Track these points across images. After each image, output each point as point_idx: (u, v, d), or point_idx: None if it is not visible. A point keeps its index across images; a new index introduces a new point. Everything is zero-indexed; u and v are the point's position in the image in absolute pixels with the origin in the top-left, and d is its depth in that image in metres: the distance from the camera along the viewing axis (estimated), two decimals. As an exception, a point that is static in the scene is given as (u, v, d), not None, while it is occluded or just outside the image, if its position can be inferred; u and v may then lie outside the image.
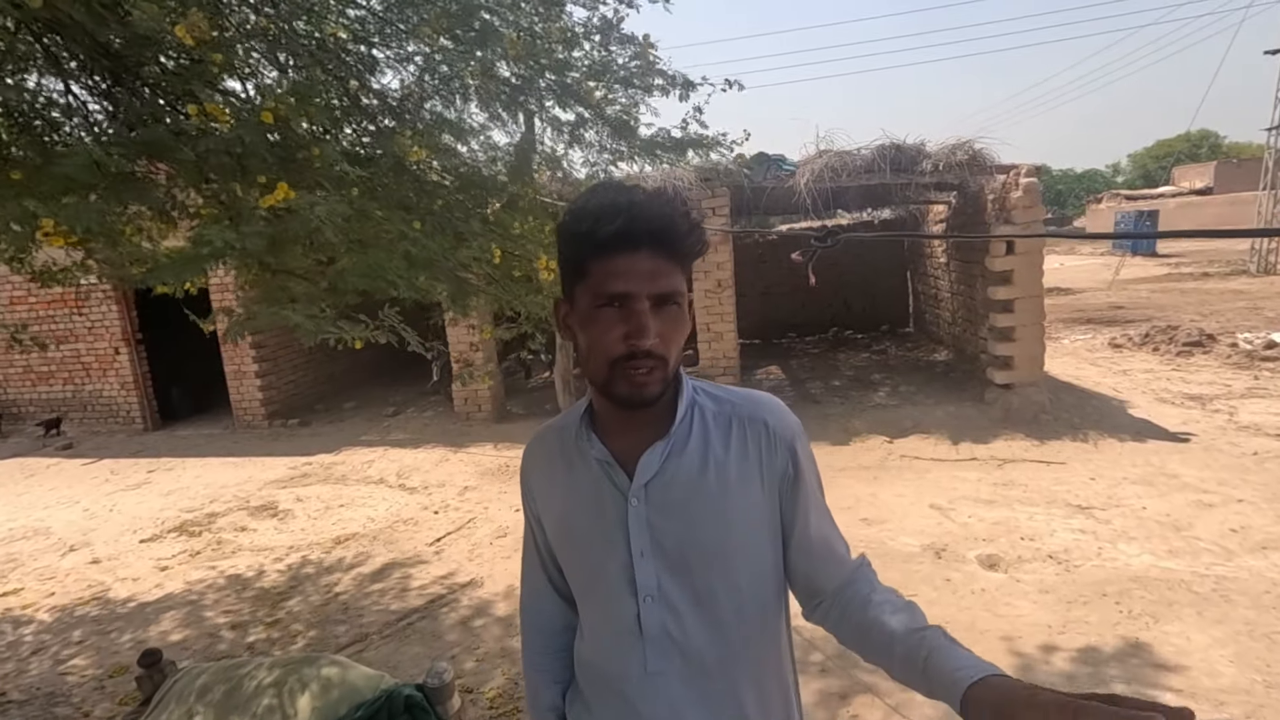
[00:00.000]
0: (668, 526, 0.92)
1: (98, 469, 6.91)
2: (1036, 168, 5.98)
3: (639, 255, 0.84)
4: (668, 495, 0.93)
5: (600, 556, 0.96)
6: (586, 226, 0.85)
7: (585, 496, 0.97)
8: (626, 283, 0.84)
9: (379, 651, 3.30)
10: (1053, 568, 3.64)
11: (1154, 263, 18.77)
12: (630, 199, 0.85)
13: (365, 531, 4.82)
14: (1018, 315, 6.07)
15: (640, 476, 0.93)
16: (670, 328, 0.87)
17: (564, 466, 1.00)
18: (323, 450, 6.90)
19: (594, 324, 0.86)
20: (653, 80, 2.40)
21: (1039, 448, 5.43)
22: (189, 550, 4.69)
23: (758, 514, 0.95)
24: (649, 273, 0.84)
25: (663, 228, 0.85)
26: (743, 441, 0.95)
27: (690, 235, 0.87)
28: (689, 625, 0.93)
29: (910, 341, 9.81)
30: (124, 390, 8.27)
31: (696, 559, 0.93)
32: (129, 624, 3.73)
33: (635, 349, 0.84)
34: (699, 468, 0.94)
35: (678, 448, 0.94)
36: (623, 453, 0.95)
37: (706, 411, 0.97)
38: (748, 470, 0.94)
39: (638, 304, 0.84)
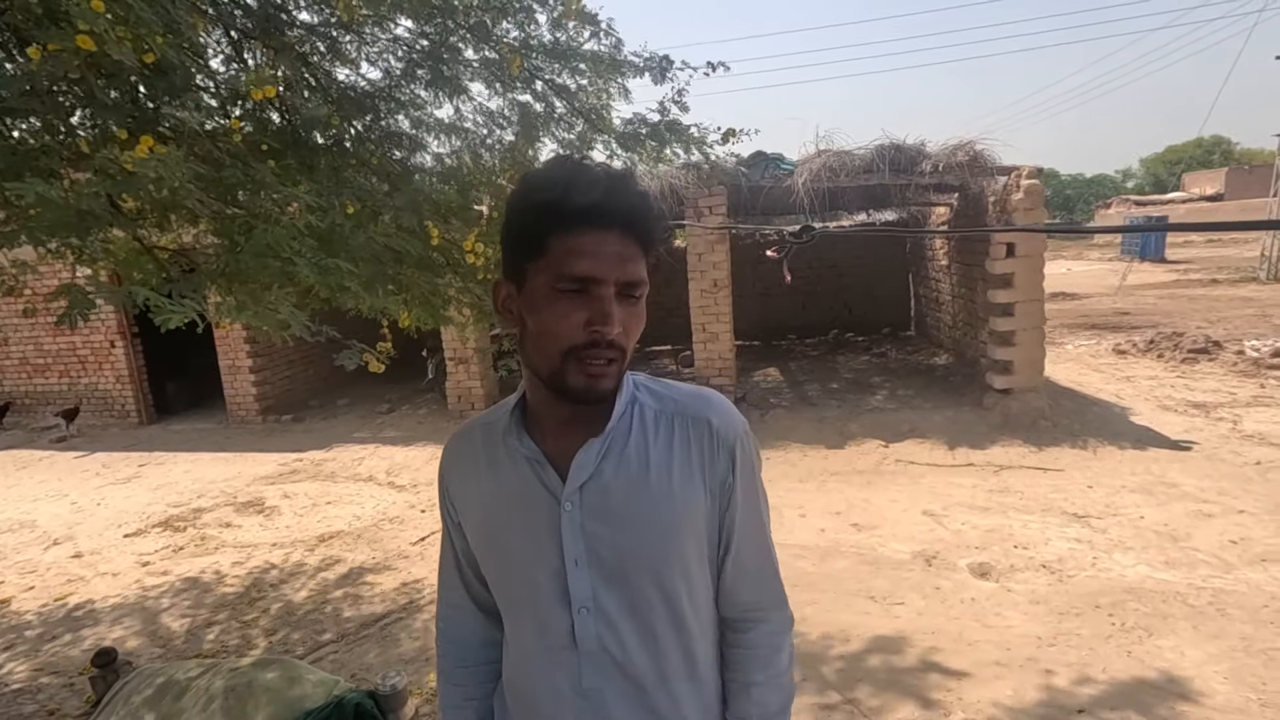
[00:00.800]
0: (604, 533, 0.85)
1: (89, 462, 6.89)
2: (1038, 169, 5.88)
3: (609, 235, 0.77)
4: (605, 499, 0.86)
5: (529, 565, 0.88)
6: (552, 196, 0.76)
7: (512, 499, 0.89)
8: (594, 264, 0.76)
9: (353, 653, 3.24)
10: (1045, 577, 3.55)
11: (1162, 269, 18.57)
12: (606, 172, 0.78)
13: (350, 530, 4.76)
14: (1018, 319, 5.97)
15: (575, 478, 0.86)
16: (632, 320, 0.81)
17: (488, 466, 0.92)
18: (314, 447, 6.85)
19: (550, 308, 0.78)
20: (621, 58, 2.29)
21: (1037, 454, 5.33)
22: (172, 546, 4.65)
23: (700, 521, 0.89)
24: (619, 256, 0.77)
25: (638, 208, 0.78)
26: (685, 442, 0.88)
27: (659, 222, 0.82)
28: (626, 638, 0.87)
29: (911, 345, 9.70)
30: (119, 384, 8.25)
31: (634, 569, 0.86)
32: (102, 620, 3.69)
33: (598, 338, 0.77)
34: (639, 470, 0.87)
35: (616, 447, 0.87)
36: (556, 452, 0.88)
37: (647, 409, 0.90)
38: (690, 473, 0.88)
39: (604, 289, 0.77)
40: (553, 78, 2.27)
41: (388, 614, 3.58)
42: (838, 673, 2.87)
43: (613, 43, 2.34)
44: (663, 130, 2.38)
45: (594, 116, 2.33)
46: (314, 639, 3.39)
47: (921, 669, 2.87)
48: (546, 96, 2.34)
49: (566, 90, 2.31)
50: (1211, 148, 47.53)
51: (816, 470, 5.32)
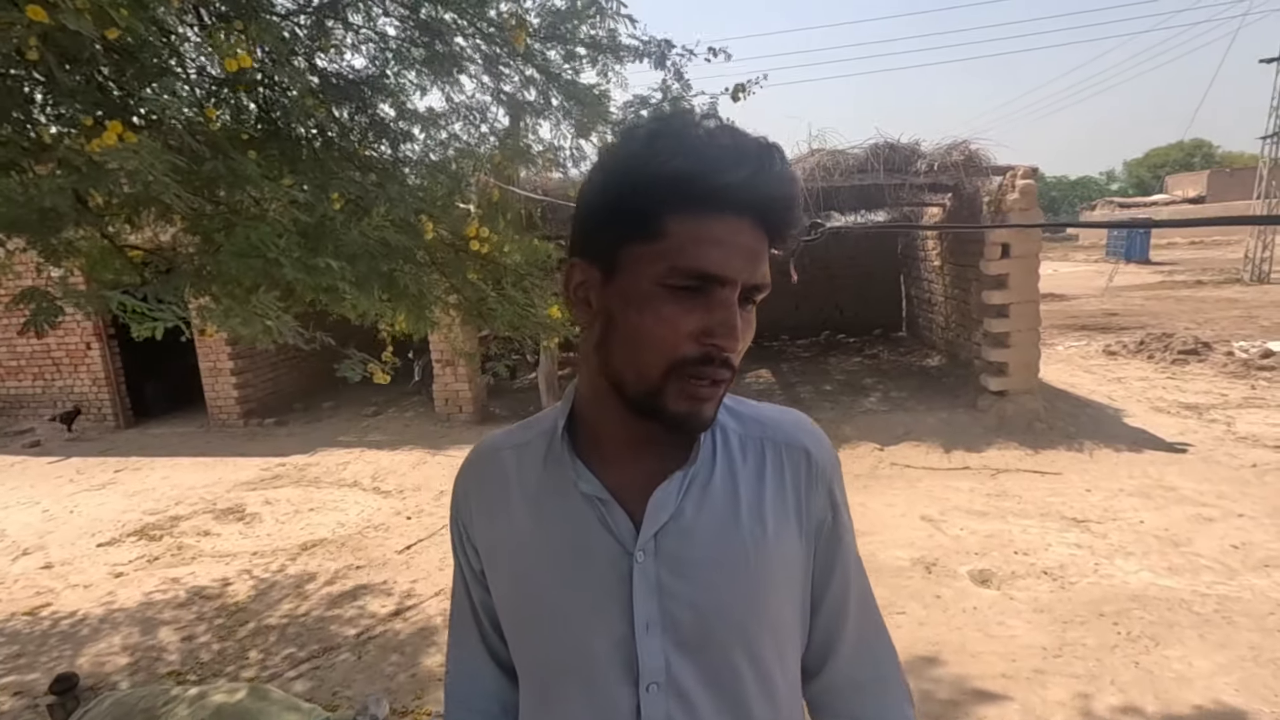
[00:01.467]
0: (683, 590, 0.68)
1: (63, 468, 6.68)
2: (1034, 169, 5.84)
3: (743, 225, 0.60)
4: (686, 547, 0.68)
5: (582, 630, 0.70)
6: (684, 165, 0.58)
7: (560, 546, 0.70)
8: (726, 259, 0.59)
9: (335, 669, 3.11)
10: (1047, 584, 3.48)
11: (1147, 270, 18.73)
12: (759, 143, 0.60)
13: (334, 537, 4.62)
14: (1013, 320, 5.92)
15: (652, 520, 0.68)
16: (749, 332, 0.65)
17: (524, 501, 0.73)
18: (298, 451, 6.68)
19: (656, 307, 0.61)
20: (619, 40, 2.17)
21: (1033, 457, 5.27)
22: (147, 556, 4.48)
23: (796, 570, 0.73)
24: (751, 252, 0.61)
25: (787, 195, 0.61)
26: (779, 474, 0.73)
27: (801, 217, 0.66)
28: (704, 716, 0.69)
29: (903, 346, 9.66)
30: (95, 386, 8.02)
31: (720, 632, 0.69)
32: (70, 638, 3.52)
33: (713, 353, 0.61)
34: (726, 508, 0.70)
35: (699, 480, 0.70)
36: (621, 486, 0.69)
37: (730, 432, 0.74)
38: (785, 512, 0.72)
39: (729, 292, 0.61)
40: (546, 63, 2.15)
41: (372, 626, 3.45)
42: None
43: (609, 28, 2.23)
44: (665, 110, 2.26)
45: (590, 102, 2.21)
46: (294, 654, 3.25)
47: (925, 683, 2.78)
48: (539, 82, 2.23)
49: (560, 78, 2.20)
50: (1193, 151, 48.15)
51: None
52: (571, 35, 2.12)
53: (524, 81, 2.25)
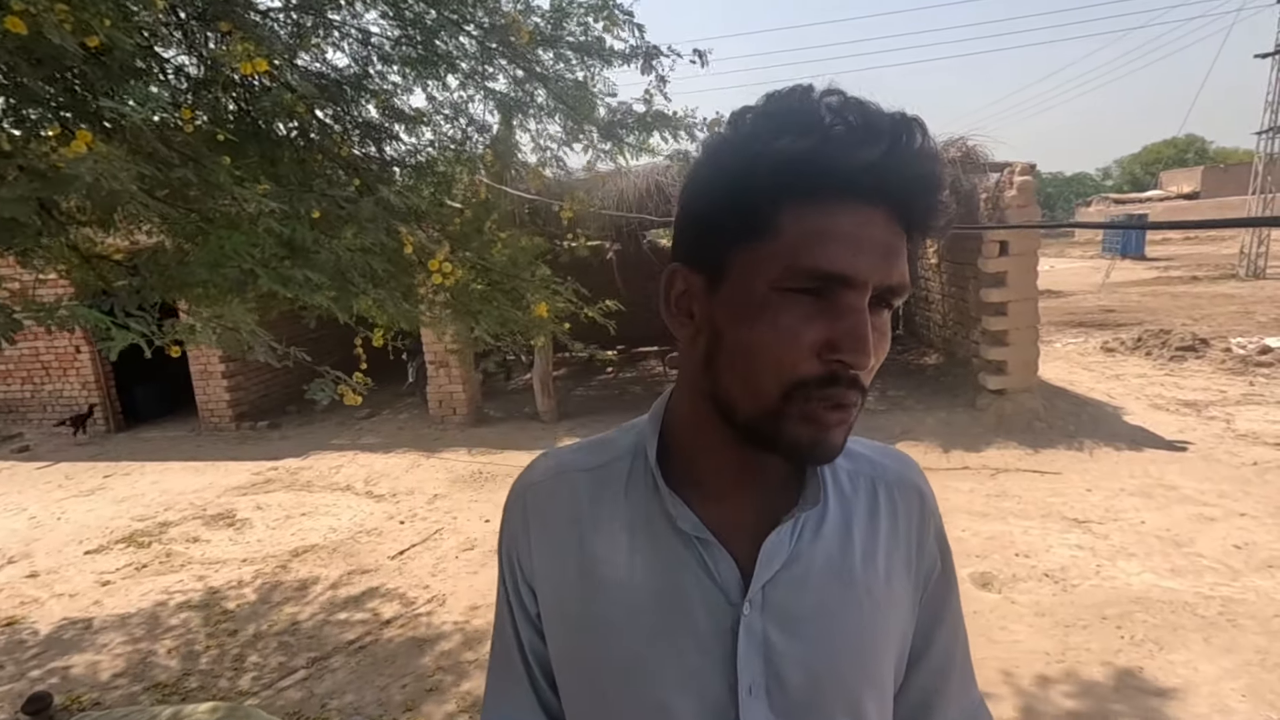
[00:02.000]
0: (794, 648, 0.59)
1: (52, 473, 6.59)
2: (1032, 165, 5.79)
3: (876, 216, 0.51)
4: (798, 600, 0.60)
5: (668, 691, 0.59)
6: (807, 145, 0.49)
7: (647, 591, 0.61)
8: (855, 257, 0.50)
9: (324, 680, 3.04)
10: (1049, 587, 3.43)
11: (1143, 266, 18.73)
12: (894, 118, 0.50)
13: (325, 543, 4.55)
14: (1011, 319, 5.87)
15: (764, 570, 0.59)
16: (883, 343, 0.54)
17: (598, 534, 0.63)
18: (290, 454, 6.61)
19: (771, 317, 0.52)
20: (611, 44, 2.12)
21: (1033, 456, 5.23)
22: (135, 564, 4.41)
23: (904, 622, 0.65)
24: (885, 248, 0.51)
25: (926, 178, 0.51)
26: (893, 518, 0.65)
27: (947, 207, 0.54)
28: None
29: (900, 344, 9.62)
30: (85, 390, 7.93)
31: (829, 696, 0.60)
32: (51, 649, 3.45)
33: (839, 372, 0.51)
34: (840, 554, 0.62)
35: (812, 524, 0.62)
36: (725, 526, 0.60)
37: (840, 469, 0.65)
38: (898, 559, 0.64)
39: (858, 297, 0.51)
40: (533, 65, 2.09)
41: (362, 635, 3.39)
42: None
43: (600, 30, 2.17)
44: (648, 120, 2.21)
45: (577, 105, 2.15)
46: (284, 663, 3.18)
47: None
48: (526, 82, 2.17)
49: (549, 78, 2.14)
50: (1186, 147, 48.30)
51: None
52: (560, 38, 2.06)
53: (513, 81, 2.20)
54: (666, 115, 2.21)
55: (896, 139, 0.49)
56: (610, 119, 2.22)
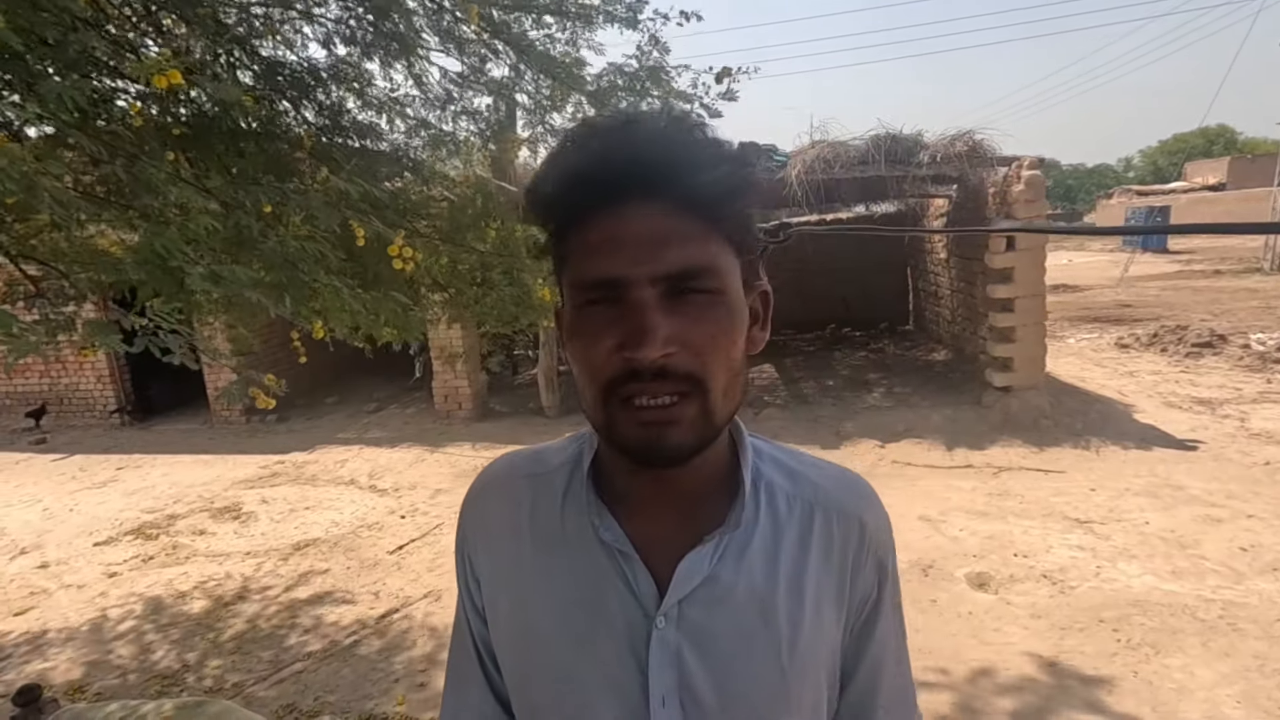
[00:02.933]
0: (706, 666, 0.60)
1: (67, 465, 6.73)
2: (1040, 160, 5.69)
3: (627, 211, 0.52)
4: (713, 619, 0.61)
5: (591, 697, 0.62)
6: (553, 183, 0.54)
7: (573, 599, 0.63)
8: (610, 259, 0.52)
9: (320, 673, 3.08)
10: (1047, 589, 3.38)
11: (1164, 259, 18.37)
12: (614, 116, 0.54)
13: (327, 537, 4.60)
14: (1018, 315, 5.79)
15: (679, 587, 0.60)
16: (701, 328, 0.53)
17: (535, 540, 0.65)
18: (297, 448, 6.69)
19: (578, 333, 0.55)
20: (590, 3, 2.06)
21: (1038, 455, 5.16)
22: (142, 555, 4.49)
23: (832, 656, 0.66)
24: (647, 239, 0.52)
25: (665, 158, 0.52)
26: (827, 544, 0.64)
27: (720, 168, 0.53)
28: None
29: (909, 340, 9.53)
30: (100, 384, 8.08)
31: (744, 713, 0.61)
32: (56, 640, 3.52)
33: (635, 365, 0.52)
34: (765, 581, 0.62)
35: (737, 545, 0.62)
36: (648, 542, 0.62)
37: (778, 491, 0.65)
38: (828, 589, 0.64)
39: (635, 292, 0.52)
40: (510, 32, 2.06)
41: (359, 630, 3.42)
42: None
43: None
44: (642, 77, 2.15)
45: (562, 74, 2.11)
46: (280, 657, 3.23)
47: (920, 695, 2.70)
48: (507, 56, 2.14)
49: (530, 48, 2.10)
50: (1214, 137, 47.19)
51: None
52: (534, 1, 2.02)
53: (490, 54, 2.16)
54: (658, 71, 2.14)
55: (614, 131, 0.52)
56: (598, 84, 2.17)
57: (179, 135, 1.63)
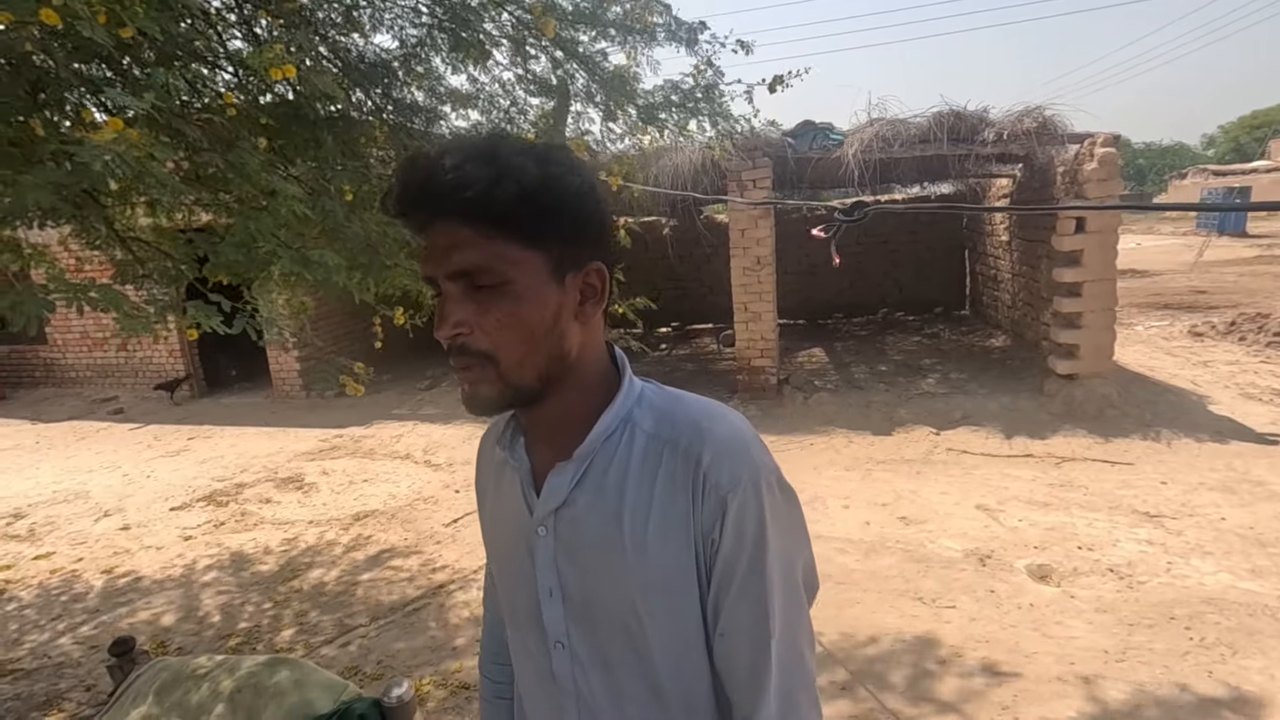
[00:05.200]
0: (572, 571, 0.75)
1: (143, 434, 7.10)
2: (1115, 137, 5.41)
3: (435, 228, 0.68)
4: (576, 534, 0.75)
5: (515, 587, 0.82)
6: (394, 206, 0.70)
7: (506, 515, 0.83)
8: (426, 262, 0.69)
9: (380, 638, 3.20)
10: (1113, 583, 3.27)
11: (1243, 243, 17.33)
12: (412, 157, 0.70)
13: (385, 509, 4.76)
14: (1086, 300, 5.55)
15: (545, 502, 0.76)
16: (493, 316, 0.67)
17: (496, 469, 0.85)
18: (355, 423, 6.91)
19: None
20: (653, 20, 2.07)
21: (1103, 446, 4.97)
22: (213, 521, 4.72)
23: (679, 579, 0.72)
24: (445, 249, 0.67)
25: (450, 185, 0.64)
26: (670, 481, 0.71)
27: (497, 187, 0.64)
28: (595, 687, 0.77)
29: (965, 325, 9.25)
30: (171, 358, 8.48)
31: (602, 615, 0.75)
32: (142, 596, 3.74)
33: (445, 344, 0.70)
34: (613, 508, 0.73)
35: (595, 476, 0.74)
36: (540, 467, 0.79)
37: (639, 432, 0.75)
38: (673, 520, 0.71)
39: (443, 286, 0.69)
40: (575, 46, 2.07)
41: (416, 598, 3.54)
42: (878, 679, 2.69)
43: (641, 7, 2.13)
44: (696, 97, 2.16)
45: (616, 86, 2.12)
46: (343, 622, 3.36)
47: (972, 681, 2.66)
48: (565, 64, 2.15)
49: (590, 60, 2.12)
50: (1302, 112, 44.03)
51: (862, 458, 5.07)
52: (602, 17, 2.03)
53: (551, 63, 2.18)
54: (712, 92, 2.16)
55: (408, 180, 0.67)
56: (650, 101, 2.18)
57: (264, 125, 1.68)
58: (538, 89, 2.23)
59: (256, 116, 1.69)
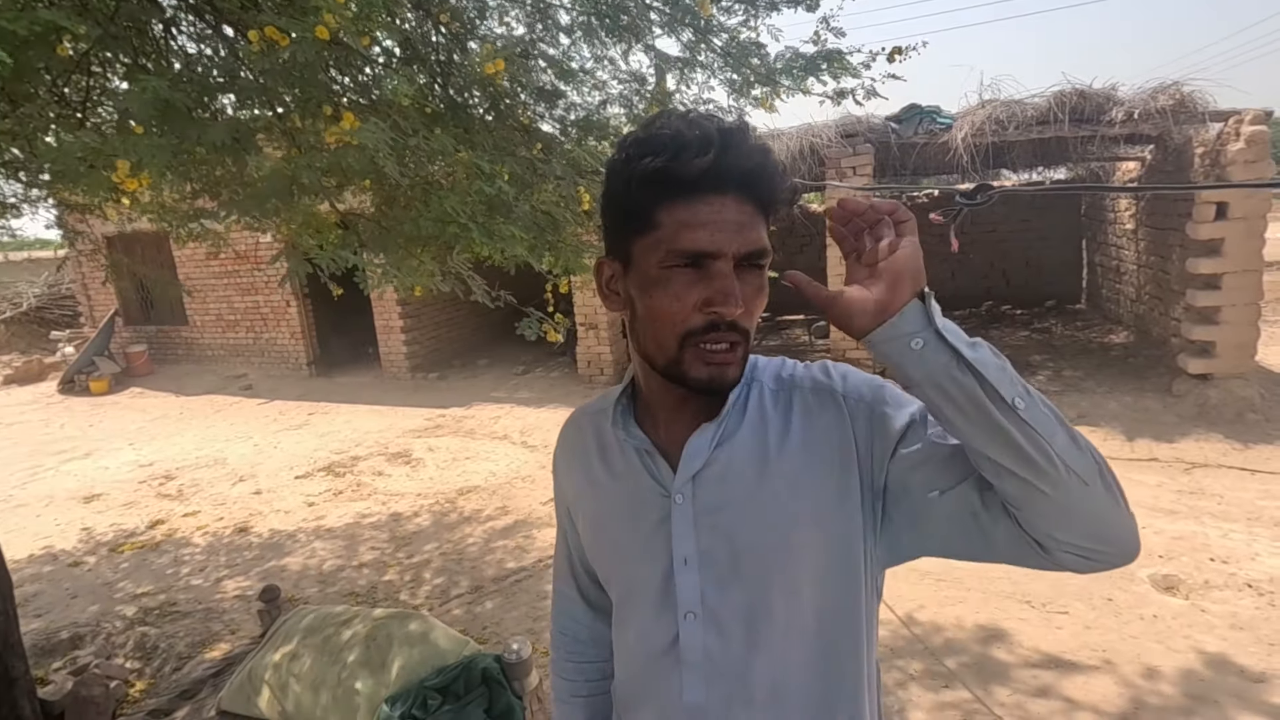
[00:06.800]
0: (719, 527, 0.77)
1: (269, 409, 7.75)
2: (1266, 113, 4.90)
3: (726, 201, 0.68)
4: (721, 491, 0.77)
5: (637, 565, 0.82)
6: (660, 161, 0.68)
7: (622, 494, 0.83)
8: (712, 236, 0.68)
9: (484, 606, 3.39)
10: (1251, 599, 3.02)
11: None
12: (719, 127, 0.68)
13: (486, 485, 5.00)
14: (1226, 293, 5.08)
15: (687, 467, 0.78)
16: (754, 296, 0.72)
17: (599, 457, 0.87)
18: (456, 404, 7.27)
19: (663, 288, 0.71)
20: None
21: (1242, 452, 4.55)
22: (333, 489, 5.11)
23: (831, 501, 0.76)
24: (737, 224, 0.69)
25: (758, 167, 0.69)
26: (806, 412, 0.78)
27: (784, 181, 0.71)
28: (735, 648, 0.77)
29: (1080, 320, 8.65)
30: (293, 339, 9.18)
31: (753, 566, 0.76)
32: (275, 552, 4.12)
33: (718, 320, 0.69)
34: (756, 453, 0.77)
35: (730, 431, 0.78)
36: (669, 442, 0.81)
37: (765, 390, 0.81)
38: (815, 447, 0.76)
39: (722, 264, 0.69)
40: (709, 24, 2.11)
41: (518, 570, 3.72)
42: (982, 681, 2.61)
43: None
44: (818, 60, 2.16)
45: (737, 56, 2.15)
46: (449, 588, 3.58)
47: (1089, 693, 2.53)
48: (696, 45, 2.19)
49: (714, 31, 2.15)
50: None
51: None
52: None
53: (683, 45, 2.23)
54: (835, 53, 2.15)
55: (726, 143, 0.67)
56: (770, 66, 2.19)
57: (431, 114, 1.85)
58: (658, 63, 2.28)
59: (423, 107, 1.86)
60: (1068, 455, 0.62)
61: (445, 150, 1.61)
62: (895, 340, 0.64)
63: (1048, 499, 0.63)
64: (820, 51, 2.17)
